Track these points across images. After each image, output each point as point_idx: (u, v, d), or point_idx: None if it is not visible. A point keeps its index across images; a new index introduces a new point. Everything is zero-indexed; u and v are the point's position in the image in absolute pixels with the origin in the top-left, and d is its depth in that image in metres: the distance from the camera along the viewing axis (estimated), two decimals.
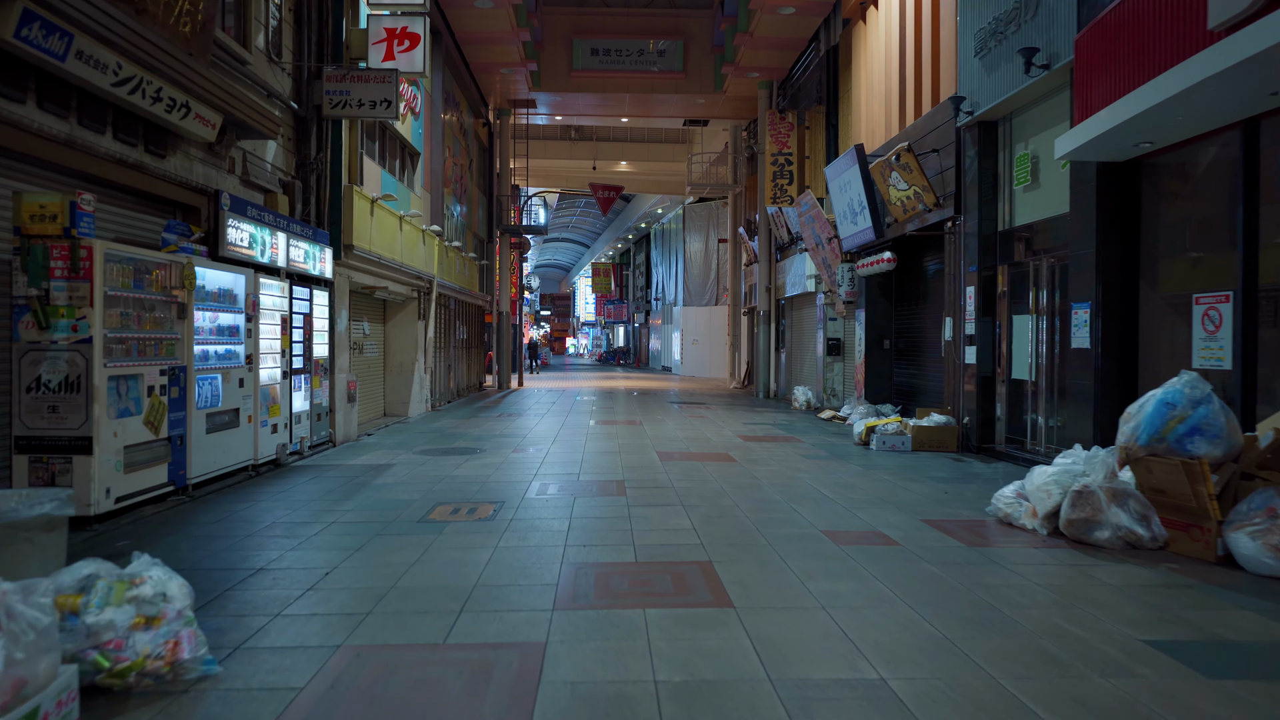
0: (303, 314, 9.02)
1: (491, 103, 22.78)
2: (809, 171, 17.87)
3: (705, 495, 6.75)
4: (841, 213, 14.17)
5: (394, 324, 14.44)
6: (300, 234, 8.97)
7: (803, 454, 9.55)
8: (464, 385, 19.79)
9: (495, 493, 6.82)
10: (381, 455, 9.14)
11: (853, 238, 13.87)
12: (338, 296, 10.38)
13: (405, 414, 14.31)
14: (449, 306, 17.55)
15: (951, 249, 10.83)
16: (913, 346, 13.55)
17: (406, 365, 14.43)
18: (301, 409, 8.96)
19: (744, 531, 5.43)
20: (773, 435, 11.48)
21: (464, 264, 18.58)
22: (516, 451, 9.50)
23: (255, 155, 8.65)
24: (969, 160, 10.15)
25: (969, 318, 10.20)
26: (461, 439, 10.72)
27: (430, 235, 14.73)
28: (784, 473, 8.04)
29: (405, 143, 13.86)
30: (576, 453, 9.38)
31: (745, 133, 24.78)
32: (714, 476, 7.74)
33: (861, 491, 7.04)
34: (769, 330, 20.86)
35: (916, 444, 10.11)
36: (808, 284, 17.58)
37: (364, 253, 10.87)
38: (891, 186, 11.76)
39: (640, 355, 48.93)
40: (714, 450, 9.78)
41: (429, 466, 8.29)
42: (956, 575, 4.44)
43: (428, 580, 4.26)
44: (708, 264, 34.26)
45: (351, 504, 6.34)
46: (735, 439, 10.97)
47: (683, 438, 11.01)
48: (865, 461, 9.04)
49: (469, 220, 20.00)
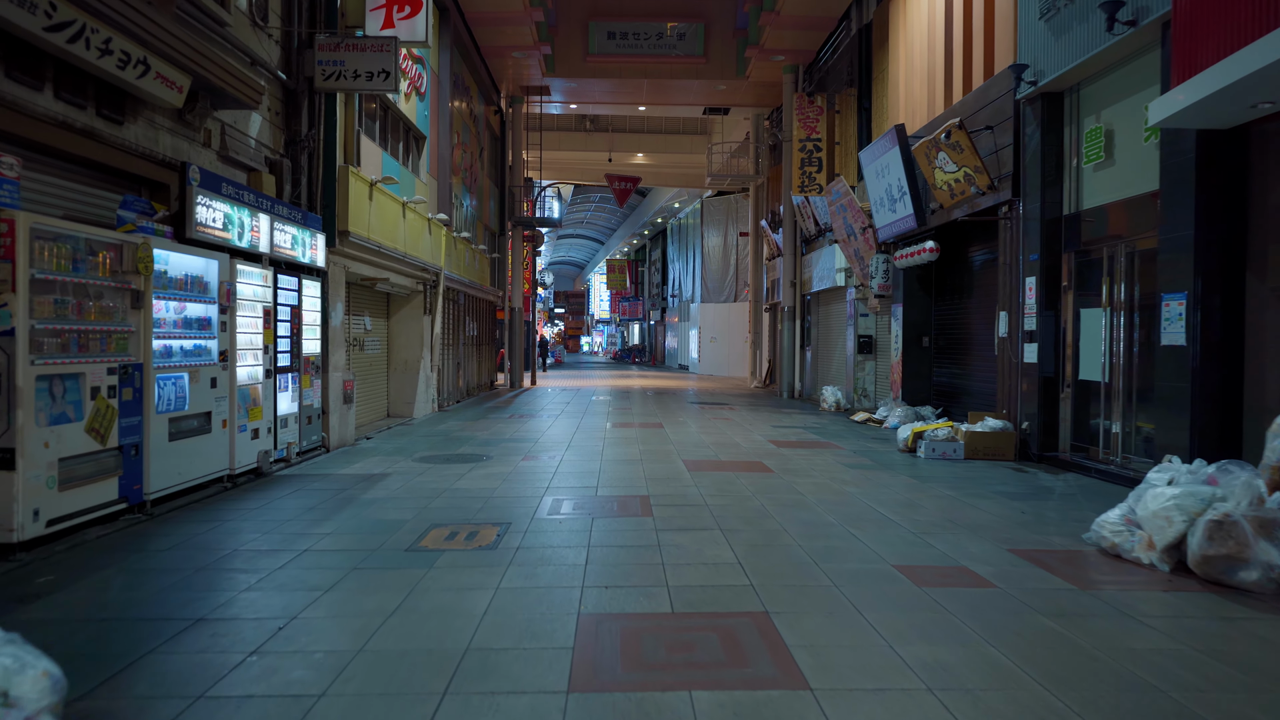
0: (290, 306, 8.13)
1: (503, 90, 21.87)
2: (839, 158, 16.84)
3: (745, 516, 5.79)
4: (877, 200, 13.16)
5: (398, 319, 13.56)
6: (287, 217, 8.08)
7: (845, 463, 8.56)
8: (474, 384, 18.91)
9: (500, 511, 5.88)
10: (377, 463, 8.23)
11: (890, 227, 12.85)
12: (332, 287, 9.49)
13: (410, 415, 13.43)
14: (458, 301, 16.66)
15: (1007, 236, 9.80)
16: (955, 344, 12.52)
17: (411, 363, 13.55)
18: (288, 411, 8.06)
19: (800, 566, 4.47)
20: (807, 440, 10.49)
21: (474, 257, 17.69)
22: (527, 459, 8.57)
23: (236, 129, 7.76)
24: (1029, 137, 9.12)
25: (1028, 312, 9.17)
26: (467, 443, 9.81)
27: (437, 224, 13.84)
28: (830, 486, 7.06)
29: (410, 125, 12.96)
30: (593, 461, 8.44)
31: (768, 121, 23.77)
32: (751, 491, 6.77)
33: (925, 511, 6.06)
34: (794, 327, 19.86)
35: (970, 451, 9.11)
36: (837, 278, 16.56)
37: (362, 240, 9.97)
38: (937, 169, 10.74)
39: (656, 353, 47.97)
40: (745, 458, 8.81)
41: (428, 477, 7.37)
42: (1085, 634, 3.46)
43: (407, 639, 3.32)
44: (726, 259, 33.25)
45: (333, 525, 5.42)
46: (767, 445, 9.99)
47: (709, 443, 10.05)
48: (916, 472, 8.05)
49: (479, 212, 19.11)
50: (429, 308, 13.87)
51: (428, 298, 13.78)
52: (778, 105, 22.62)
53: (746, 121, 25.62)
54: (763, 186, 24.44)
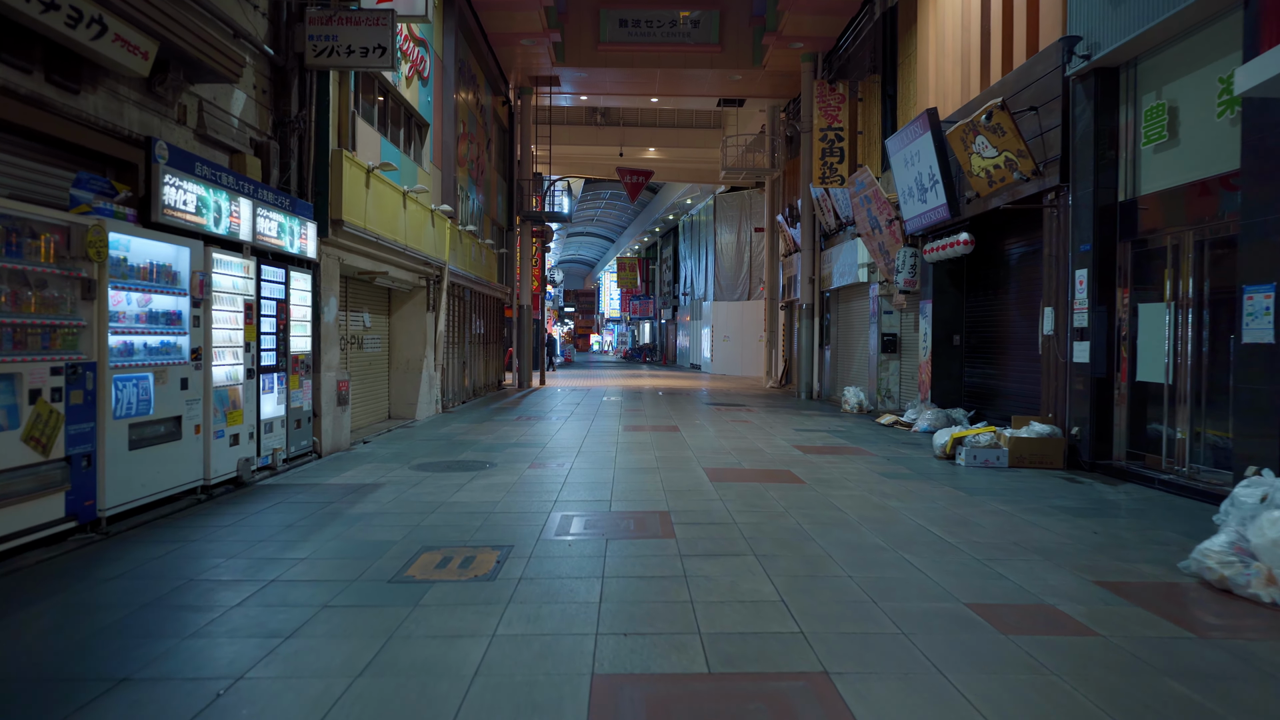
0: (275, 300, 7.47)
1: (512, 80, 21.21)
2: (861, 148, 16.08)
3: (781, 537, 5.08)
4: (905, 190, 12.41)
5: (400, 316, 12.90)
6: (273, 203, 7.41)
7: (880, 472, 7.84)
8: (480, 384, 18.26)
9: (502, 531, 5.19)
10: (371, 471, 7.57)
11: (919, 218, 12.11)
12: (325, 280, 8.83)
13: (412, 416, 12.78)
14: (463, 297, 16.00)
15: (1053, 226, 9.05)
16: (989, 342, 11.77)
17: (414, 362, 12.89)
18: (274, 415, 7.40)
19: (857, 606, 3.75)
20: (834, 445, 9.77)
21: (481, 252, 17.03)
22: (534, 467, 7.88)
23: (216, 106, 7.10)
24: (1079, 116, 8.37)
25: (1079, 307, 8.42)
26: (470, 449, 9.13)
27: (440, 216, 13.17)
28: (869, 500, 6.34)
29: (411, 111, 12.30)
30: (605, 469, 7.75)
31: (784, 113, 23.03)
32: (783, 505, 6.06)
33: (983, 530, 5.33)
34: (812, 325, 19.12)
35: (1014, 459, 8.37)
36: (859, 273, 15.81)
37: (357, 230, 9.31)
38: (974, 154, 9.99)
39: (667, 352, 47.25)
40: (771, 466, 8.10)
41: (425, 488, 6.69)
42: (1235, 708, 2.74)
43: (376, 713, 2.64)
44: (740, 256, 32.50)
45: (310, 547, 4.75)
46: (792, 450, 9.27)
47: (730, 449, 9.34)
48: (960, 482, 7.32)
49: (487, 205, 18.45)
50: (432, 304, 13.21)
51: (431, 294, 13.12)
52: (794, 96, 21.88)
53: (762, 114, 24.87)
54: (779, 181, 23.70)
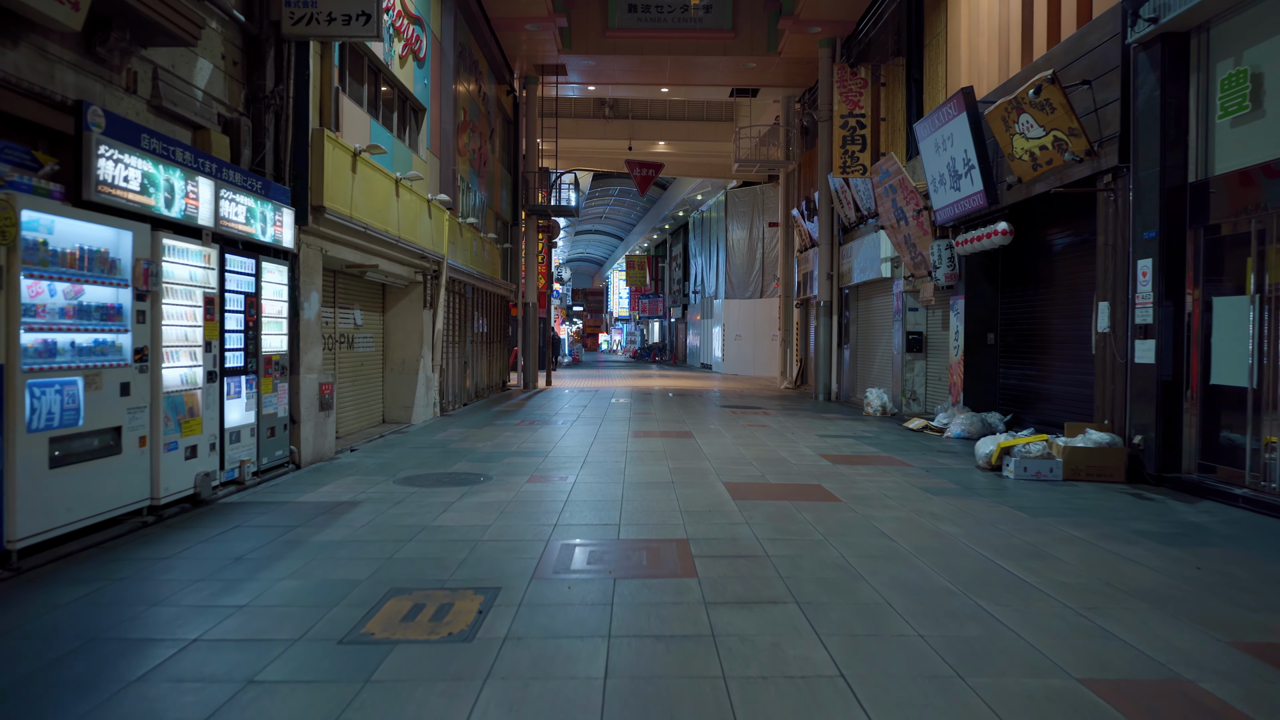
0: (244, 293, 6.66)
1: (517, 69, 20.40)
2: (885, 136, 15.19)
3: (826, 575, 4.22)
4: (936, 178, 11.53)
5: (395, 313, 12.10)
6: (242, 185, 6.61)
7: (922, 486, 6.98)
8: (483, 385, 17.46)
9: (489, 566, 4.36)
10: (351, 486, 6.75)
11: (951, 208, 11.22)
12: (305, 273, 8.02)
13: (408, 420, 11.98)
14: (464, 294, 15.20)
15: (1109, 212, 8.16)
16: (1027, 341, 10.88)
17: (409, 362, 12.09)
18: (241, 422, 6.59)
19: (940, 684, 2.89)
20: (864, 455, 8.90)
21: (483, 246, 16.22)
22: (534, 481, 7.05)
23: (175, 76, 6.29)
24: (1143, 88, 7.48)
25: (1141, 302, 7.53)
26: (465, 458, 8.31)
27: (438, 207, 12.36)
28: (919, 524, 5.49)
29: (406, 94, 11.49)
30: (614, 484, 6.91)
31: (799, 104, 22.15)
32: (821, 531, 5.21)
33: (1064, 566, 4.47)
34: (830, 323, 18.24)
35: (1069, 471, 7.49)
36: (881, 268, 14.93)
37: (342, 218, 8.50)
38: (1017, 135, 9.11)
39: (677, 352, 46.40)
40: (799, 479, 7.25)
41: (407, 507, 5.87)
42: None
43: None
44: (752, 253, 31.62)
45: (254, 588, 3.93)
46: (818, 460, 8.42)
47: (750, 458, 8.49)
48: (1013, 499, 6.45)
49: (490, 199, 17.65)
50: (429, 301, 12.41)
51: (428, 289, 12.31)
52: (810, 86, 21.00)
53: (776, 105, 23.99)
54: (794, 173, 22.82)
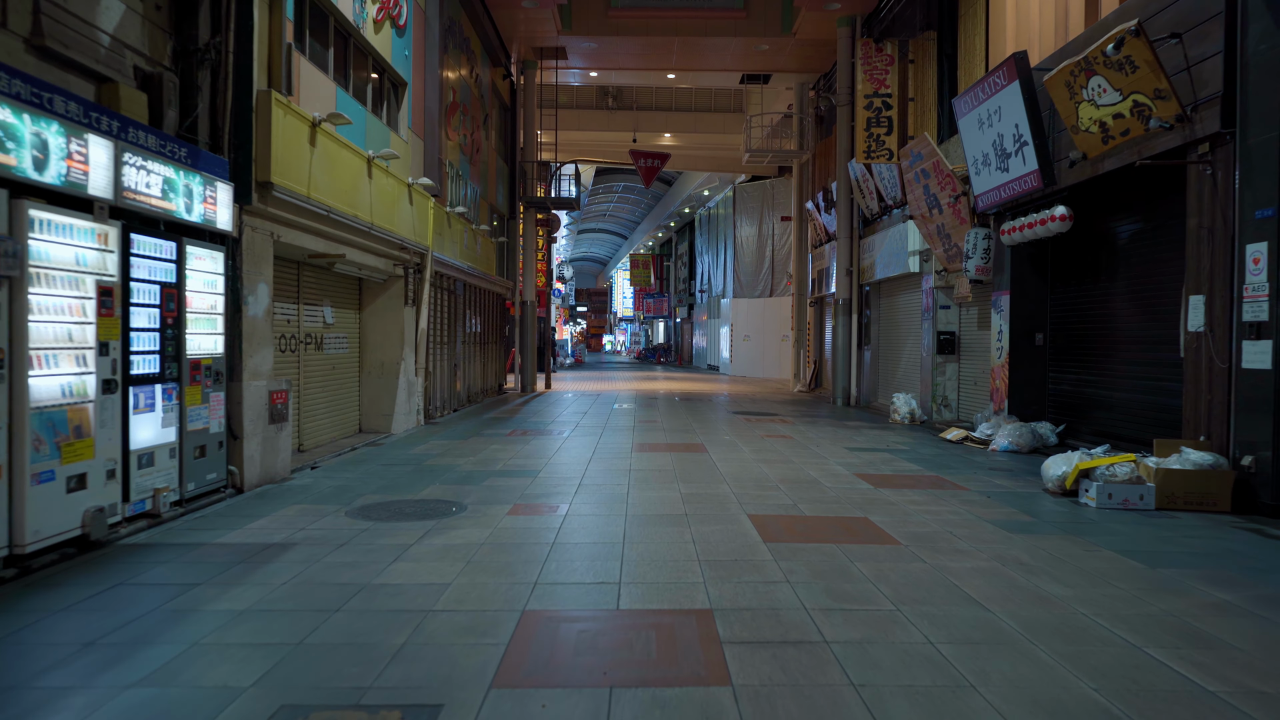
0: (159, 283, 5.42)
1: (514, 53, 19.17)
2: (913, 118, 13.91)
3: (917, 684, 2.93)
4: (978, 158, 10.25)
5: (372, 311, 10.87)
6: (158, 151, 5.37)
7: (989, 518, 5.70)
8: (477, 389, 16.21)
9: (432, 664, 3.09)
10: (292, 518, 5.51)
11: (996, 191, 9.95)
12: (250, 261, 6.77)
13: (387, 429, 10.75)
14: (454, 290, 13.95)
15: (1205, 188, 6.86)
16: (1083, 341, 9.60)
17: (389, 365, 10.85)
18: (154, 442, 5.35)
19: None
20: (905, 473, 7.63)
21: (475, 239, 14.98)
22: (517, 512, 5.80)
23: (69, 12, 5.05)
24: (1256, 36, 6.20)
25: (1253, 295, 6.24)
26: (440, 478, 7.06)
27: (421, 193, 11.12)
28: (1009, 578, 4.21)
29: (382, 64, 10.24)
30: (614, 517, 5.64)
31: (813, 91, 20.89)
32: (888, 595, 3.94)
33: (1243, 659, 3.18)
34: (849, 322, 16.97)
35: (1163, 498, 6.21)
36: (909, 263, 13.66)
37: (297, 198, 7.25)
38: (1086, 103, 7.83)
39: (682, 353, 45.12)
40: (839, 509, 5.98)
41: (348, 555, 4.62)
42: None
43: None
44: (761, 250, 30.34)
45: (84, 702, 2.69)
46: (855, 481, 7.14)
47: (775, 478, 7.22)
48: (1110, 538, 5.18)
49: (484, 189, 16.41)
50: (412, 297, 11.17)
51: (410, 284, 11.07)
52: (826, 70, 19.73)
53: (789, 92, 22.70)
54: (808, 164, 21.54)
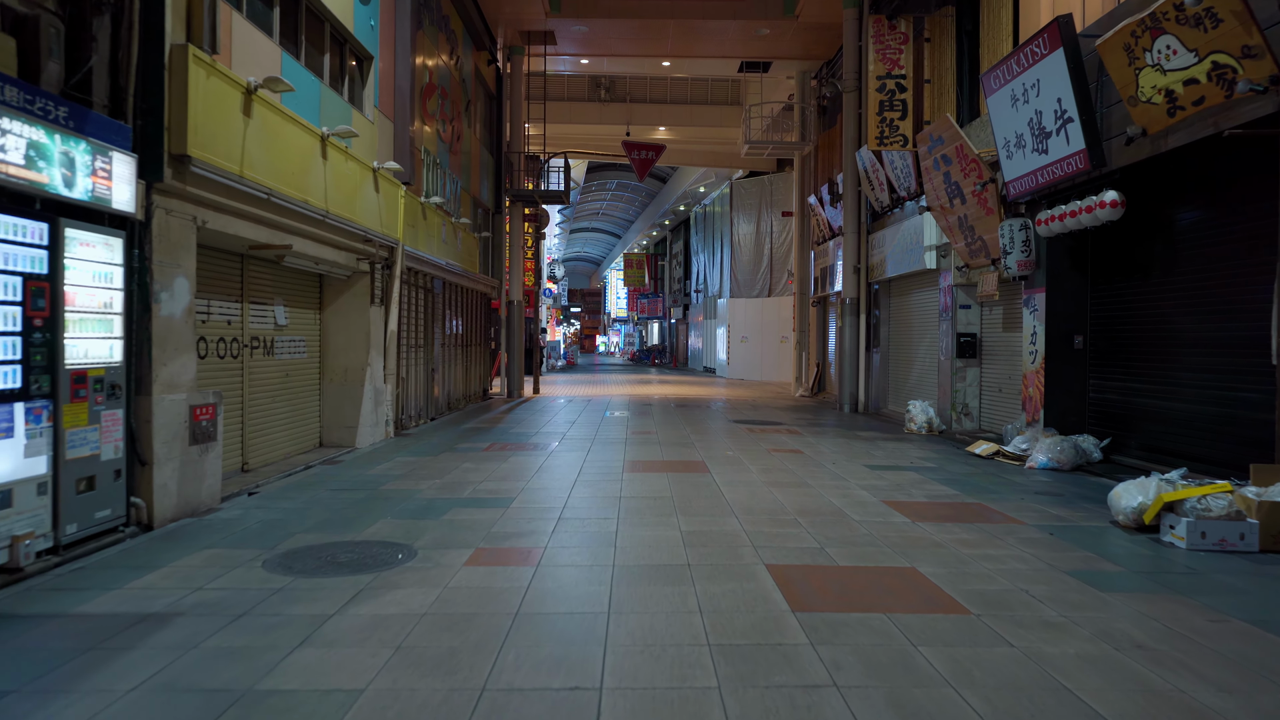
0: (21, 274, 4.28)
1: (500, 37, 18.06)
2: (929, 100, 12.82)
3: None
4: (1011, 140, 9.17)
5: (335, 311, 9.73)
6: (20, 106, 4.23)
7: (1065, 567, 4.60)
8: (458, 394, 15.07)
9: None
10: (189, 574, 4.37)
11: (1033, 176, 8.87)
12: (163, 250, 5.63)
13: (351, 443, 9.61)
14: (431, 288, 12.82)
15: None
16: (1132, 344, 8.53)
17: (353, 371, 9.72)
18: (19, 475, 4.21)
19: None
20: (942, 499, 6.52)
21: (455, 233, 13.85)
22: (477, 561, 4.67)
23: None
24: None
25: None
26: (394, 510, 5.93)
27: (389, 179, 9.99)
28: (1131, 670, 3.10)
29: (343, 32, 9.09)
30: (598, 570, 4.52)
31: (815, 80, 19.83)
32: (974, 705, 2.82)
33: None
34: (856, 323, 15.88)
35: (1268, 538, 5.13)
36: (925, 259, 12.58)
37: (227, 177, 6.11)
38: (1149, 69, 6.75)
39: (678, 354, 44.02)
40: (877, 554, 4.86)
41: (240, 635, 3.49)
42: None
43: None
44: (759, 248, 29.25)
45: None
46: (887, 511, 6.03)
47: (793, 509, 6.11)
48: (1230, 596, 4.08)
49: (466, 181, 15.28)
50: (379, 295, 10.03)
51: (377, 282, 9.93)
52: (829, 58, 18.69)
53: (790, 81, 21.63)
54: (810, 156, 20.48)
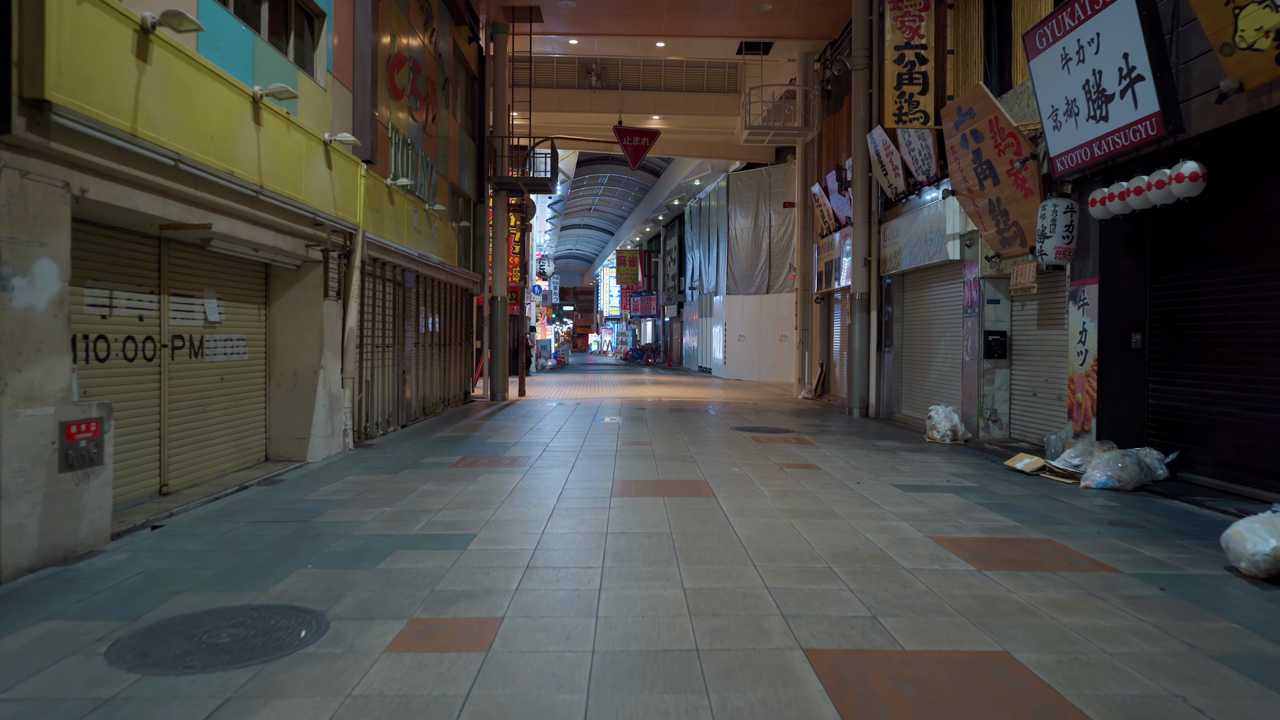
0: None
1: (483, 15, 16.82)
2: (953, 73, 11.60)
3: None
4: (1059, 108, 7.96)
5: (282, 306, 8.46)
6: None
7: (1215, 651, 3.37)
8: (435, 398, 13.80)
9: None
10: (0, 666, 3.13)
11: (1085, 149, 7.67)
12: (16, 224, 4.33)
13: (302, 456, 8.35)
14: (401, 282, 11.54)
15: None
16: (1202, 344, 7.33)
17: (304, 375, 8.45)
18: None
19: None
20: (1002, 534, 5.29)
21: (430, 222, 12.58)
22: (403, 645, 3.39)
23: None
24: None
25: None
26: (319, 554, 4.67)
27: (346, 155, 8.72)
28: None
29: None
30: (571, 667, 3.24)
31: (819, 63, 18.64)
32: None
33: None
34: (866, 320, 14.69)
35: None
36: (948, 249, 11.37)
37: (111, 133, 4.82)
38: (1255, 6, 5.53)
39: (672, 354, 42.80)
40: (947, 629, 3.62)
41: None
42: None
43: None
44: (757, 243, 28.06)
45: None
46: (938, 551, 4.79)
47: (822, 550, 4.87)
48: None
49: (443, 167, 14.01)
50: (335, 288, 8.77)
51: (333, 272, 8.67)
52: (834, 38, 17.52)
53: (791, 65, 20.42)
54: (813, 143, 19.27)
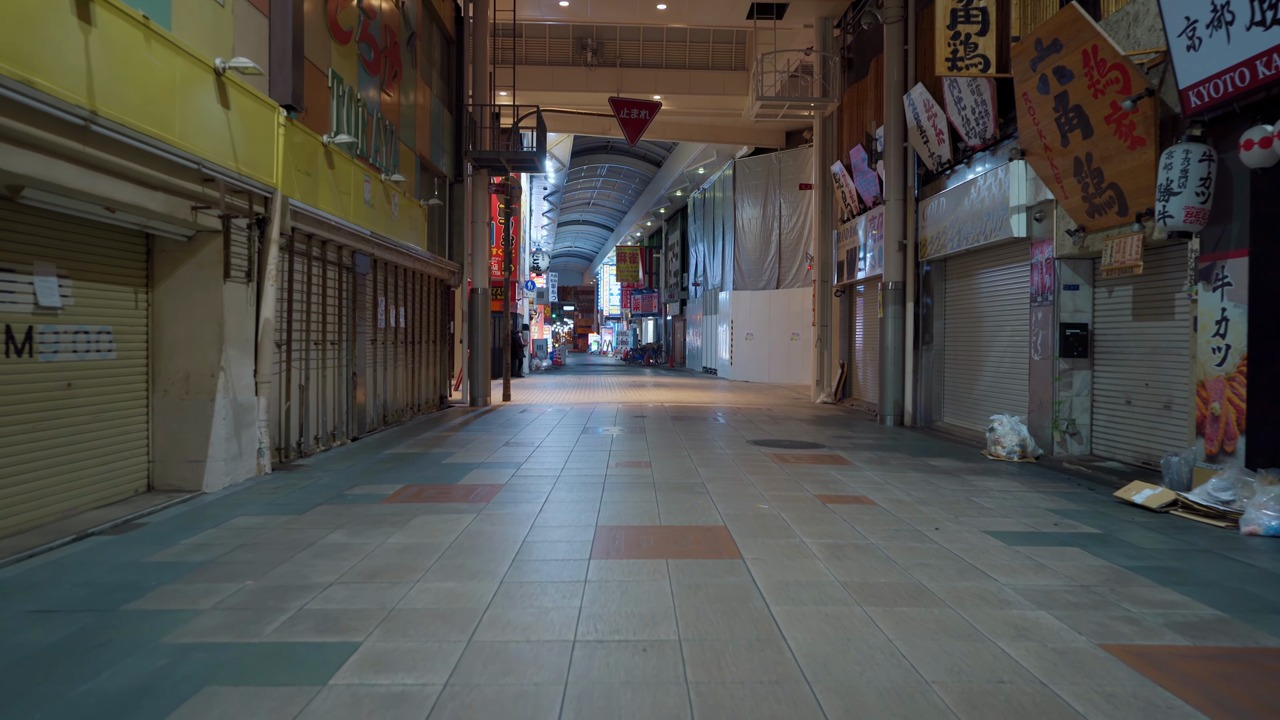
0: None
1: None
2: (1017, 11, 9.53)
3: None
4: (1202, 16, 5.93)
5: (170, 289, 6.44)
6: None
7: None
8: (401, 405, 11.76)
9: None
10: None
11: (1239, 72, 5.63)
12: None
13: (197, 485, 6.34)
14: (350, 266, 9.50)
15: None
16: None
17: (198, 378, 6.43)
18: None
19: None
20: (1208, 633, 3.26)
21: (389, 196, 10.54)
22: None
23: None
24: None
25: None
26: (62, 704, 2.67)
27: (251, 93, 6.69)
28: None
29: None
30: None
31: (838, 28, 16.64)
32: None
33: None
34: (901, 314, 12.68)
35: None
36: (1012, 224, 9.33)
37: None
38: None
39: (674, 354, 40.77)
40: None
41: None
42: None
43: None
44: (766, 234, 26.05)
45: None
46: (1132, 680, 2.78)
47: (944, 689, 2.82)
48: None
49: (408, 135, 11.99)
50: (244, 268, 6.74)
51: (237, 246, 6.64)
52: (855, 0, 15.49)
53: (808, 31, 18.37)
54: (832, 117, 17.25)
